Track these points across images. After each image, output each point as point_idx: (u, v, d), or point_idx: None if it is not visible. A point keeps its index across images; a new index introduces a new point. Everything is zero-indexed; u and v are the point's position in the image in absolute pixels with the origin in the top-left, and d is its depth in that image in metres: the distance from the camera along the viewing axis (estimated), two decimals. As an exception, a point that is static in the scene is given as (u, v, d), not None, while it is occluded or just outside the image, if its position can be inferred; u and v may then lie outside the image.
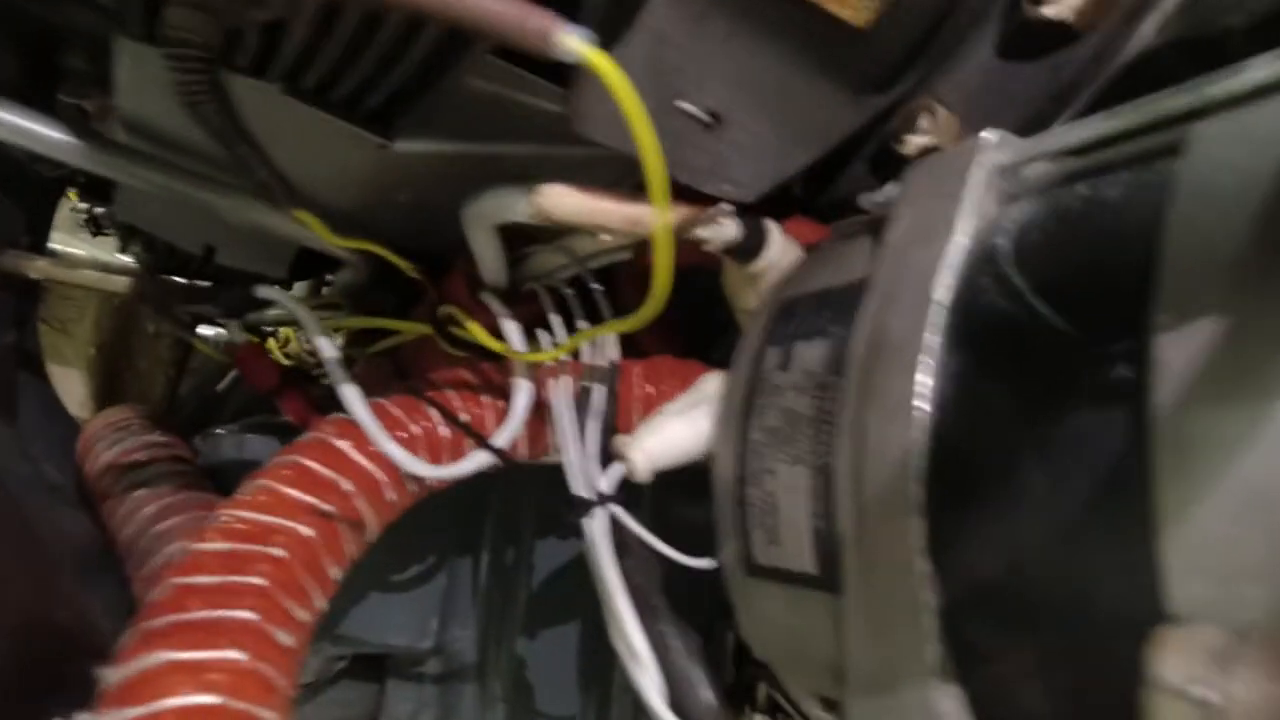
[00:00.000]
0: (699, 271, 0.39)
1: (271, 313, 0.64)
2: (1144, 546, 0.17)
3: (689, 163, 0.32)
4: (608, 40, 0.28)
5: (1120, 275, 0.20)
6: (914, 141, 0.41)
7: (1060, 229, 0.23)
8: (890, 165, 0.44)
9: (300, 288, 0.71)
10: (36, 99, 0.37)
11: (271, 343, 0.82)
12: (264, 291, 0.40)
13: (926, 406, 0.23)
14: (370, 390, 0.54)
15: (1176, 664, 0.16)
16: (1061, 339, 0.21)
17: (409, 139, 0.38)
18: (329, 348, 0.36)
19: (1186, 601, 0.16)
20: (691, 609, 0.30)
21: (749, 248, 0.37)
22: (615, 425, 0.37)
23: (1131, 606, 0.18)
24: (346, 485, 0.33)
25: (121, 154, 0.35)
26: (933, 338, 0.24)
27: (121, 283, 0.46)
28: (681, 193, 0.34)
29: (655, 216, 0.31)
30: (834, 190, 0.46)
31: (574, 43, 0.19)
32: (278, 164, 0.39)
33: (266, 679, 0.26)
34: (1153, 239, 0.19)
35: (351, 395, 0.36)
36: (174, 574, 0.26)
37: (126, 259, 0.52)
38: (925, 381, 0.23)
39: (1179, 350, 0.18)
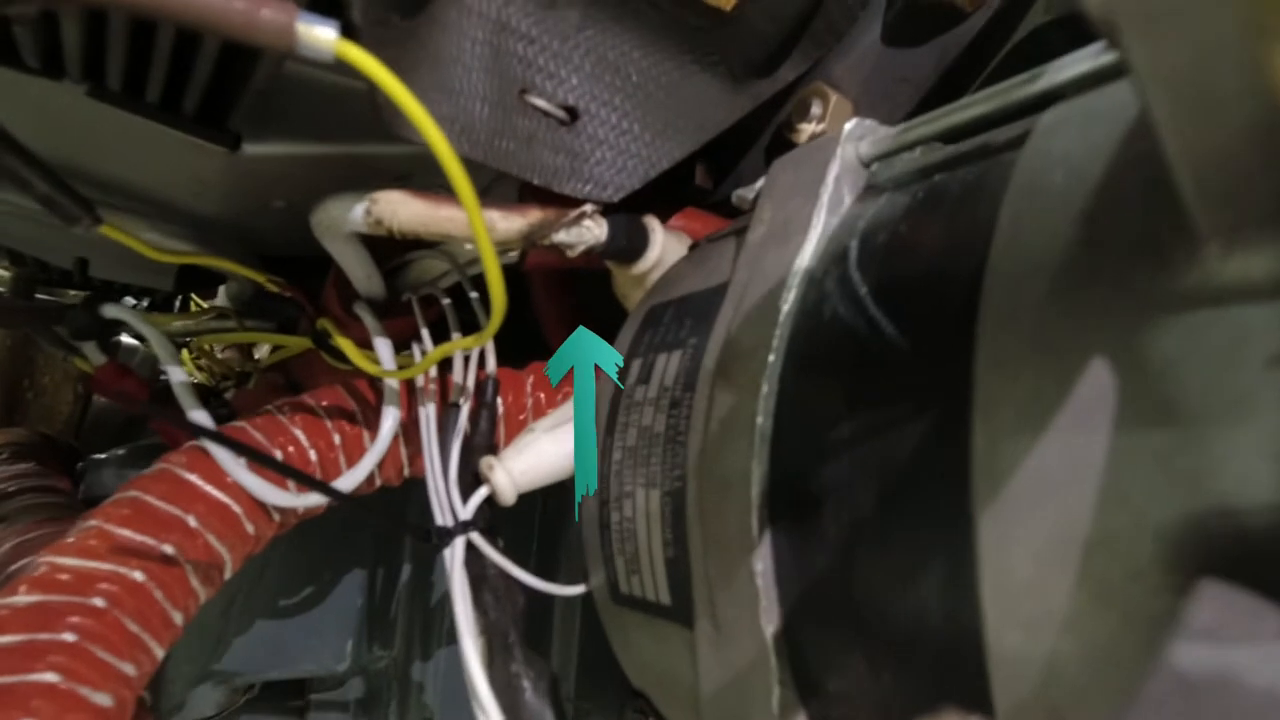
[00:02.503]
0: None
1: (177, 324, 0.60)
2: (967, 588, 0.15)
3: (543, 163, 0.29)
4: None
5: (949, 284, 0.18)
6: (806, 129, 0.39)
7: (903, 229, 0.21)
8: (784, 154, 0.42)
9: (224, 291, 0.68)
10: None
11: (185, 354, 0.78)
12: (112, 311, 0.37)
13: (768, 428, 0.21)
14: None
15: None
16: (895, 353, 0.19)
17: (257, 142, 0.35)
18: (178, 374, 0.34)
19: (1004, 651, 0.15)
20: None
21: (627, 250, 0.34)
22: (494, 442, 0.35)
23: (955, 645, 0.16)
24: (193, 521, 0.31)
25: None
26: (777, 352, 0.22)
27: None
28: (547, 192, 0.32)
29: (502, 222, 0.29)
30: (737, 180, 0.44)
31: (321, 36, 0.16)
32: (118, 175, 0.36)
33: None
34: (982, 244, 0.17)
35: (200, 418, 0.33)
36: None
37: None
38: (768, 400, 0.21)
39: (1001, 371, 0.16)
